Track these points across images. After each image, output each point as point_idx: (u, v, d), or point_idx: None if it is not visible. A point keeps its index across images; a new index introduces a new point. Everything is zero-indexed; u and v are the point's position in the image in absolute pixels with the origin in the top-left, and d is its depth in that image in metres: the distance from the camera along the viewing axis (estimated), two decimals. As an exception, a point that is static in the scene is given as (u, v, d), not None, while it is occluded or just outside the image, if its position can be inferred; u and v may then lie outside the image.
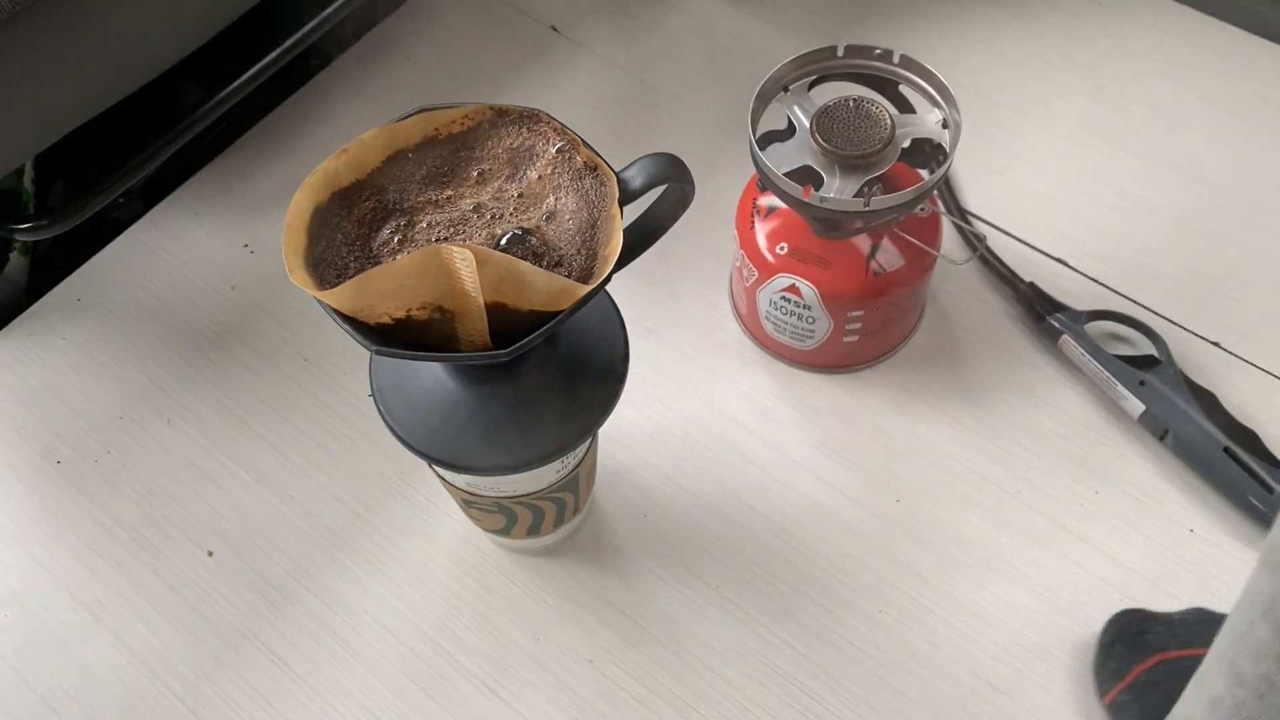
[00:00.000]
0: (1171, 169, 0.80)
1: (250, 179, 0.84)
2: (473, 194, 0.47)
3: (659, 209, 0.48)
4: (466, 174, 0.47)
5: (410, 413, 0.52)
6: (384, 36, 0.91)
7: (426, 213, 0.46)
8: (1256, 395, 0.69)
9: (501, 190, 0.47)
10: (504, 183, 0.47)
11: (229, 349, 0.76)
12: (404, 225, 0.46)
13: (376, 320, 0.42)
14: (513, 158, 0.47)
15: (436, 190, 0.47)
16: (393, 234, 0.46)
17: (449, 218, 0.46)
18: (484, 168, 0.47)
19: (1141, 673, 0.58)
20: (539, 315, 0.43)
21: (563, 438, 0.51)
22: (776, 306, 0.68)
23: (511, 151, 0.47)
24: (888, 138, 0.61)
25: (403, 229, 0.46)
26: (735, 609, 0.64)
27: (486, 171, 0.47)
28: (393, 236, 0.46)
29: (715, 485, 0.68)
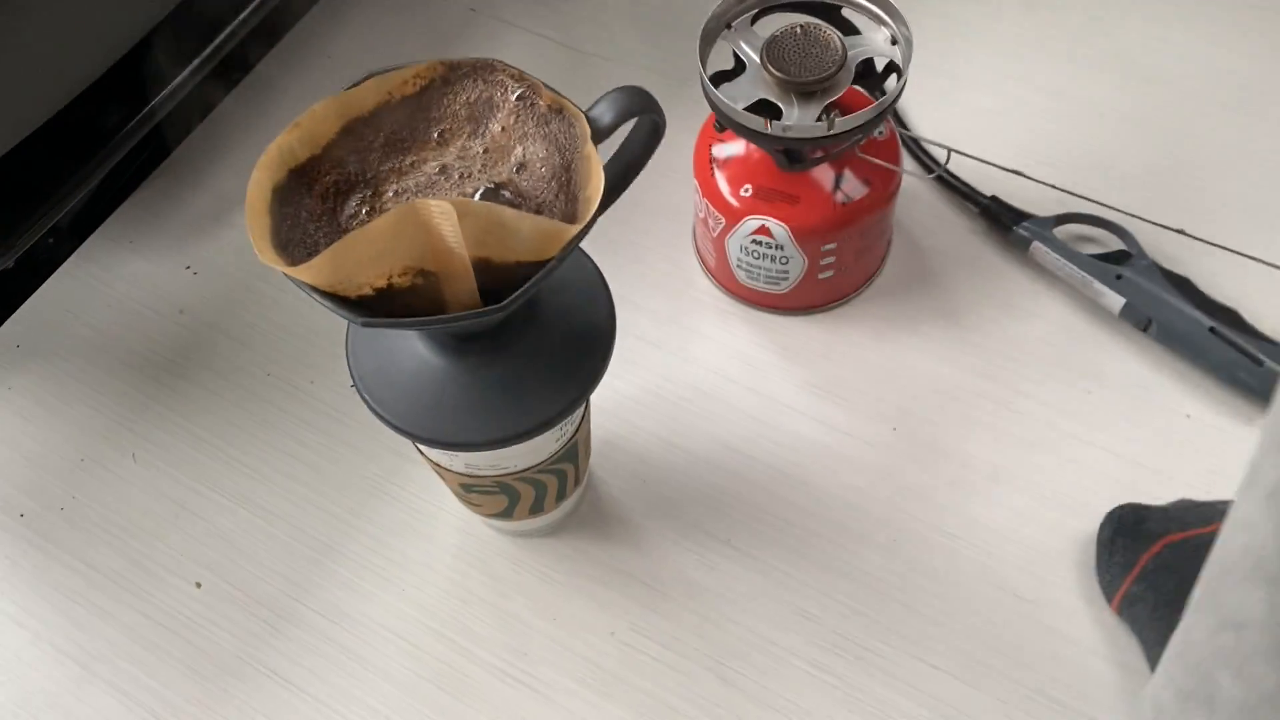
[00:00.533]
0: (1113, 70, 0.81)
1: (183, 200, 0.81)
2: (436, 156, 0.45)
3: (632, 145, 0.47)
4: (426, 136, 0.45)
5: (398, 396, 0.49)
6: (301, 38, 0.88)
7: (391, 181, 0.44)
8: (1228, 275, 0.70)
9: (465, 148, 0.45)
10: (466, 140, 0.45)
11: (187, 374, 0.72)
12: (370, 196, 0.44)
13: (358, 293, 0.40)
14: (472, 113, 0.45)
15: (398, 157, 0.45)
16: (360, 206, 0.43)
17: (415, 183, 0.44)
18: (443, 128, 0.45)
19: (1149, 560, 0.58)
20: (526, 266, 0.41)
21: (560, 401, 0.49)
22: (748, 252, 0.67)
23: (470, 106, 0.45)
24: (840, 60, 0.60)
25: (369, 199, 0.44)
26: (749, 559, 0.63)
27: (447, 131, 0.45)
28: (360, 209, 0.43)
29: (710, 441, 0.67)
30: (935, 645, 0.60)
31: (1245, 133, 0.77)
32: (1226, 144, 0.76)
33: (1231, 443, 0.64)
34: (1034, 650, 0.59)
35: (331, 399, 0.70)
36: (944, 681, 0.59)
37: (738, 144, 0.66)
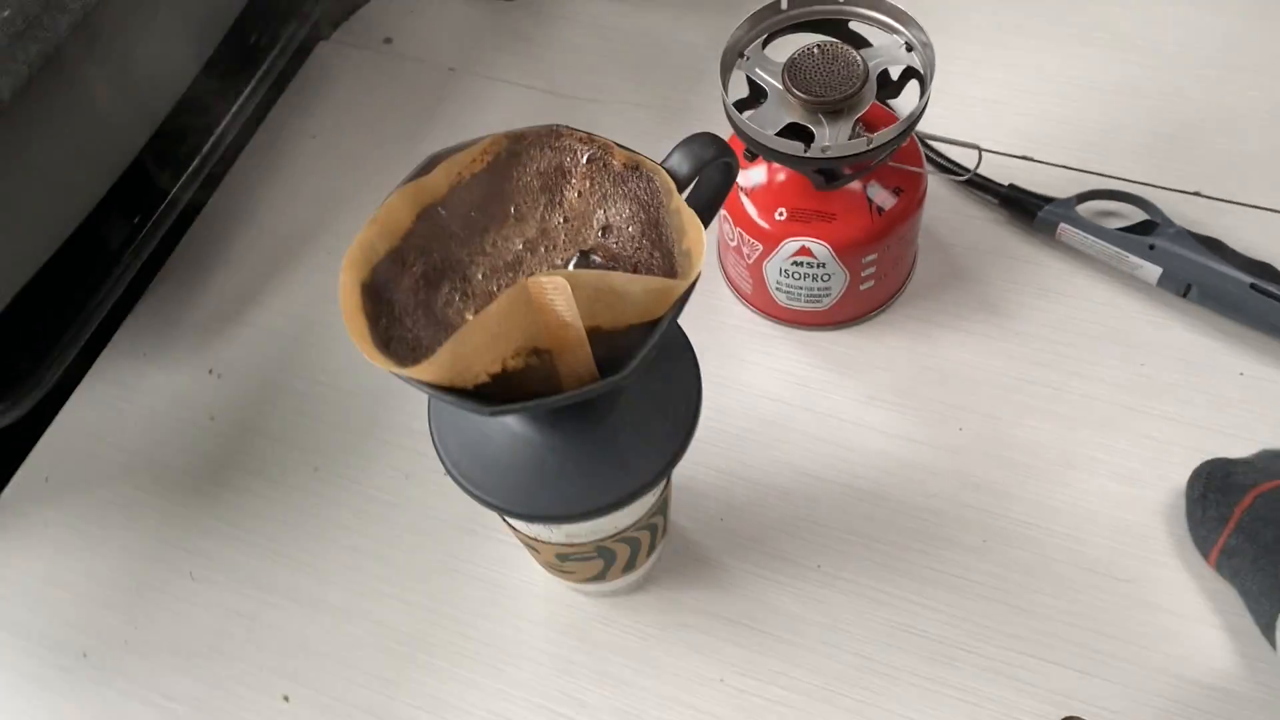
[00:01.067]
0: (1099, 44, 0.82)
1: (192, 302, 0.78)
2: (517, 232, 0.44)
3: (706, 189, 0.46)
4: (503, 213, 0.44)
5: (496, 476, 0.48)
6: (282, 121, 0.87)
7: (478, 263, 0.43)
8: (1250, 230, 0.71)
9: (545, 219, 0.44)
10: (545, 210, 0.44)
11: (230, 481, 0.70)
12: (460, 280, 0.43)
13: (475, 383, 0.39)
14: (545, 183, 0.44)
15: (479, 238, 0.44)
16: (452, 292, 0.42)
17: (503, 262, 0.43)
18: (518, 201, 0.44)
19: (1243, 512, 0.58)
20: (635, 329, 0.40)
21: (661, 456, 0.48)
22: (788, 274, 0.66)
23: (541, 176, 0.44)
24: (864, 74, 0.60)
25: (460, 284, 0.42)
26: (843, 582, 0.62)
27: (522, 205, 0.44)
28: (453, 295, 0.42)
29: (779, 468, 0.66)
30: (1045, 640, 0.59)
31: (1240, 89, 0.78)
32: (1223, 102, 0.78)
33: (1290, 393, 0.65)
34: (1143, 629, 0.59)
35: (386, 484, 0.69)
36: (1063, 676, 0.58)
37: (760, 169, 0.66)
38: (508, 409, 0.38)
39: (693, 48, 0.87)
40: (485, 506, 0.48)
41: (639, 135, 0.82)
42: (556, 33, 0.90)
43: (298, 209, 0.82)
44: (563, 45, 0.89)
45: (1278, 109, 0.77)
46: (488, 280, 0.43)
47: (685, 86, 0.84)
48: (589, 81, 0.86)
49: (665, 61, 0.86)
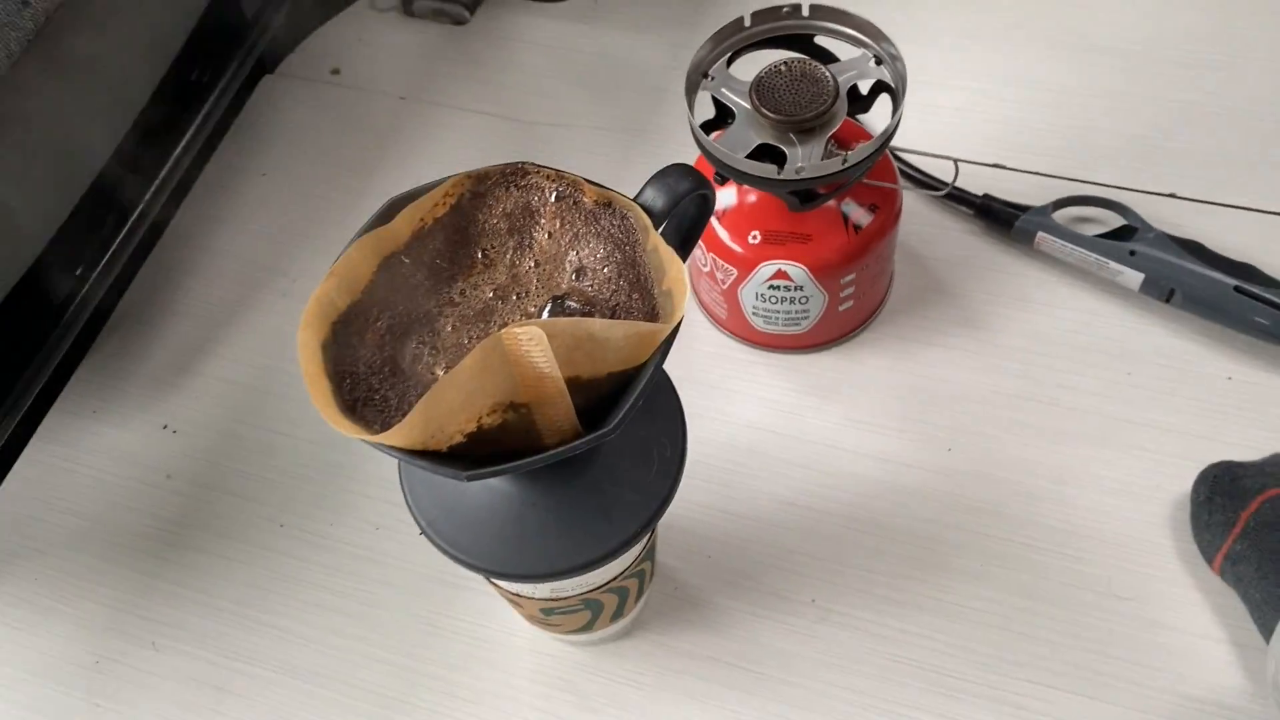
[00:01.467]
0: (1061, 47, 0.81)
1: (141, 355, 0.75)
2: (487, 280, 0.41)
3: (682, 224, 0.44)
4: (471, 259, 0.41)
5: (474, 535, 0.45)
6: (229, 159, 0.83)
7: (446, 315, 0.40)
8: (1228, 231, 0.70)
9: (515, 264, 0.41)
10: (514, 255, 0.41)
11: (191, 542, 0.67)
12: (428, 334, 0.40)
13: (449, 444, 0.36)
14: (513, 225, 0.42)
15: (446, 287, 0.41)
16: (420, 346, 0.39)
17: (473, 311, 0.40)
18: (485, 246, 0.42)
19: (1249, 517, 0.57)
20: (615, 377, 0.38)
21: (648, 505, 0.46)
22: (764, 299, 0.64)
23: (508, 218, 0.42)
24: (834, 90, 0.58)
25: (428, 339, 0.40)
26: (839, 617, 0.60)
27: (490, 249, 0.42)
28: (421, 349, 0.39)
29: (767, 500, 0.64)
30: (1050, 665, 0.57)
31: (1205, 86, 0.77)
32: (1190, 101, 0.77)
33: (1279, 395, 0.64)
34: (1148, 648, 0.57)
35: (357, 539, 0.65)
36: (1068, 702, 0.56)
37: (731, 191, 0.64)
38: (485, 472, 0.36)
39: (653, 68, 0.84)
40: (464, 567, 0.45)
41: (603, 159, 0.80)
42: (511, 56, 0.87)
43: (250, 250, 0.78)
44: (518, 69, 0.86)
45: (1248, 106, 0.76)
46: (458, 332, 0.40)
47: (648, 108, 0.82)
48: (547, 105, 0.84)
49: (626, 83, 0.84)
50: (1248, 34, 0.79)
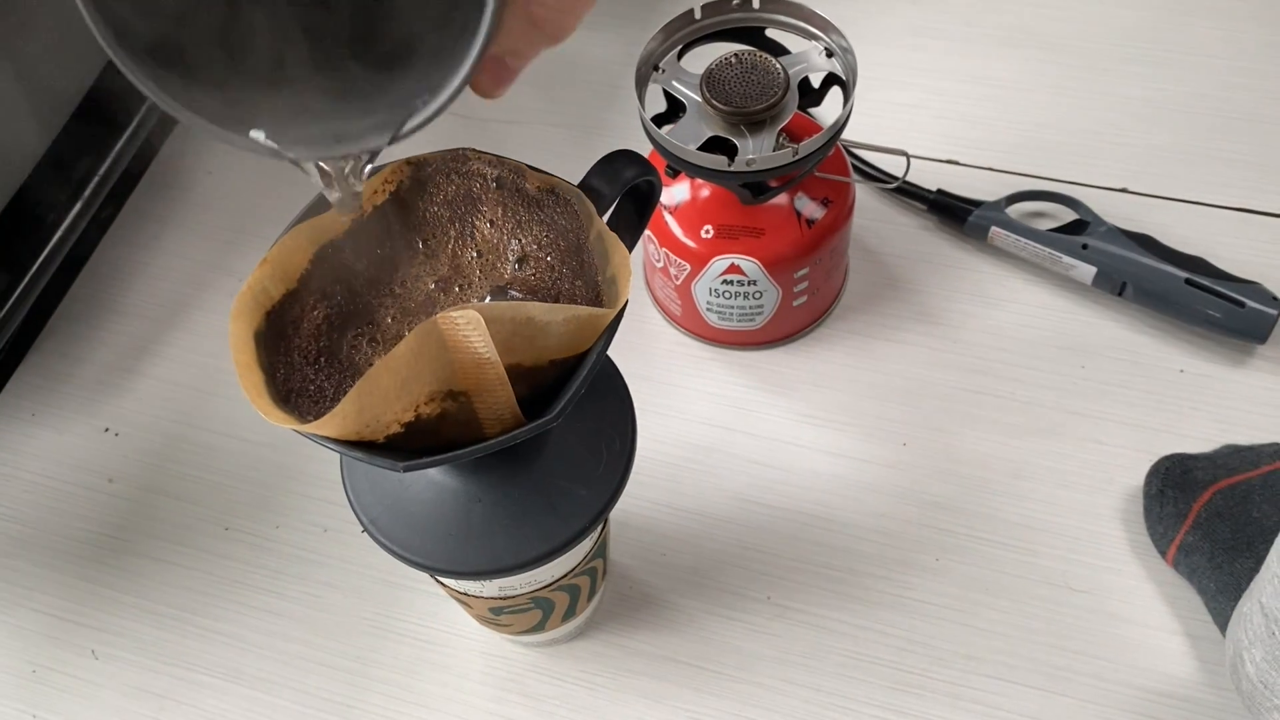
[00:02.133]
0: (1011, 45, 0.81)
1: (81, 357, 0.73)
2: (428, 270, 0.40)
3: (629, 210, 0.43)
4: (412, 249, 0.40)
5: (419, 533, 0.44)
6: (175, 158, 0.82)
7: (387, 306, 0.39)
8: (1180, 224, 0.70)
9: (457, 255, 0.40)
10: (456, 245, 0.40)
11: (134, 547, 0.65)
12: (367, 325, 0.39)
13: (386, 434, 0.35)
14: (454, 213, 0.41)
15: (386, 277, 0.40)
16: (359, 337, 0.38)
17: (415, 303, 0.39)
18: (426, 236, 0.41)
19: (1200, 509, 0.57)
20: (560, 365, 0.37)
21: (598, 498, 0.45)
22: (718, 294, 0.64)
23: (449, 206, 0.41)
24: (785, 82, 0.58)
25: (368, 329, 0.39)
26: (794, 614, 0.59)
27: (431, 239, 0.41)
28: (360, 340, 0.38)
29: (722, 497, 0.63)
30: (1006, 659, 0.57)
31: (1153, 82, 0.78)
32: (1138, 96, 0.77)
33: (1230, 388, 0.64)
34: (1103, 641, 0.57)
35: (304, 541, 0.64)
36: (1026, 696, 0.56)
37: (684, 186, 0.63)
38: (423, 463, 0.34)
39: (607, 63, 0.84)
40: (408, 565, 0.44)
41: (557, 155, 0.78)
42: (463, 54, 0.86)
43: (195, 250, 0.77)
44: (470, 66, 0.85)
45: (1196, 102, 0.76)
46: (398, 324, 0.39)
47: (601, 104, 0.82)
48: (500, 102, 0.82)
49: (579, 79, 0.83)
50: (1198, 32, 0.80)
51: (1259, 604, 0.46)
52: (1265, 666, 0.46)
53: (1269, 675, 0.46)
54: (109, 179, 0.69)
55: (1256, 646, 0.46)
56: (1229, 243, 0.69)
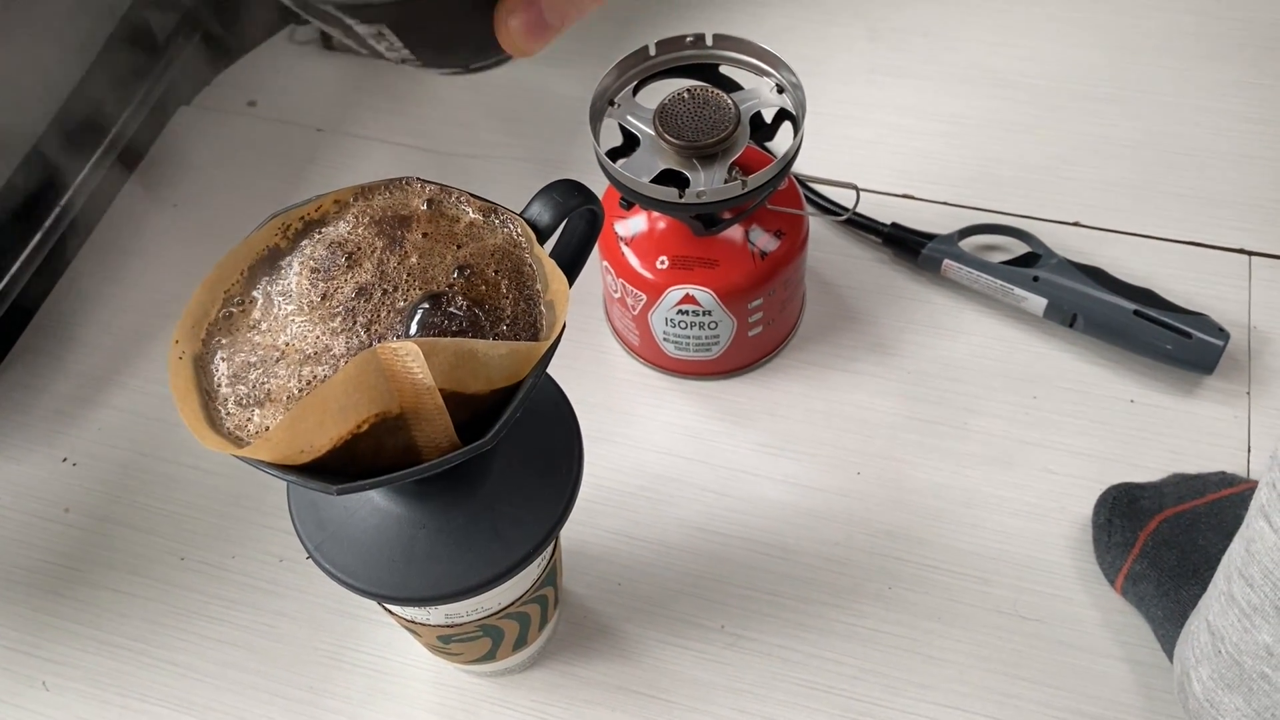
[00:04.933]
0: (966, 81, 0.83)
1: (42, 388, 0.73)
2: (350, 279, 0.40)
3: (571, 239, 0.44)
4: (333, 262, 0.40)
5: (363, 559, 0.44)
6: (141, 190, 0.82)
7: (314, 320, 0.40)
8: (1132, 259, 0.72)
9: (383, 262, 0.40)
10: (383, 254, 0.40)
11: (88, 578, 0.64)
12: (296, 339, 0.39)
13: (321, 458, 0.35)
14: (382, 228, 0.41)
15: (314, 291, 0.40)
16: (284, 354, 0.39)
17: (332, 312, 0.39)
18: (349, 251, 0.41)
19: (1147, 537, 0.57)
20: (500, 392, 0.37)
21: (542, 525, 0.45)
22: (674, 324, 0.64)
23: (376, 223, 0.41)
24: (735, 117, 0.59)
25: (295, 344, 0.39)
26: (748, 642, 0.60)
27: (355, 252, 0.41)
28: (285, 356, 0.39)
29: (677, 526, 0.64)
30: (958, 688, 0.57)
31: (1105, 118, 0.79)
32: (1091, 132, 0.79)
33: (1180, 418, 0.65)
34: (1054, 669, 0.58)
35: (259, 571, 0.64)
36: (976, 723, 0.56)
37: (640, 218, 0.64)
38: (356, 486, 0.35)
39: (569, 99, 0.85)
40: (351, 591, 0.44)
41: (518, 188, 0.78)
42: (429, 89, 0.87)
43: (158, 281, 0.77)
44: (436, 101, 0.86)
45: (1147, 138, 0.78)
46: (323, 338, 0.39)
47: (563, 138, 0.83)
48: (465, 136, 0.84)
49: (542, 113, 0.84)
50: (1147, 70, 0.82)
51: (1206, 622, 0.47)
52: (1212, 685, 0.46)
53: (1215, 694, 0.46)
54: (70, 211, 0.69)
55: (1204, 665, 0.47)
56: (1178, 275, 0.70)
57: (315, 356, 0.38)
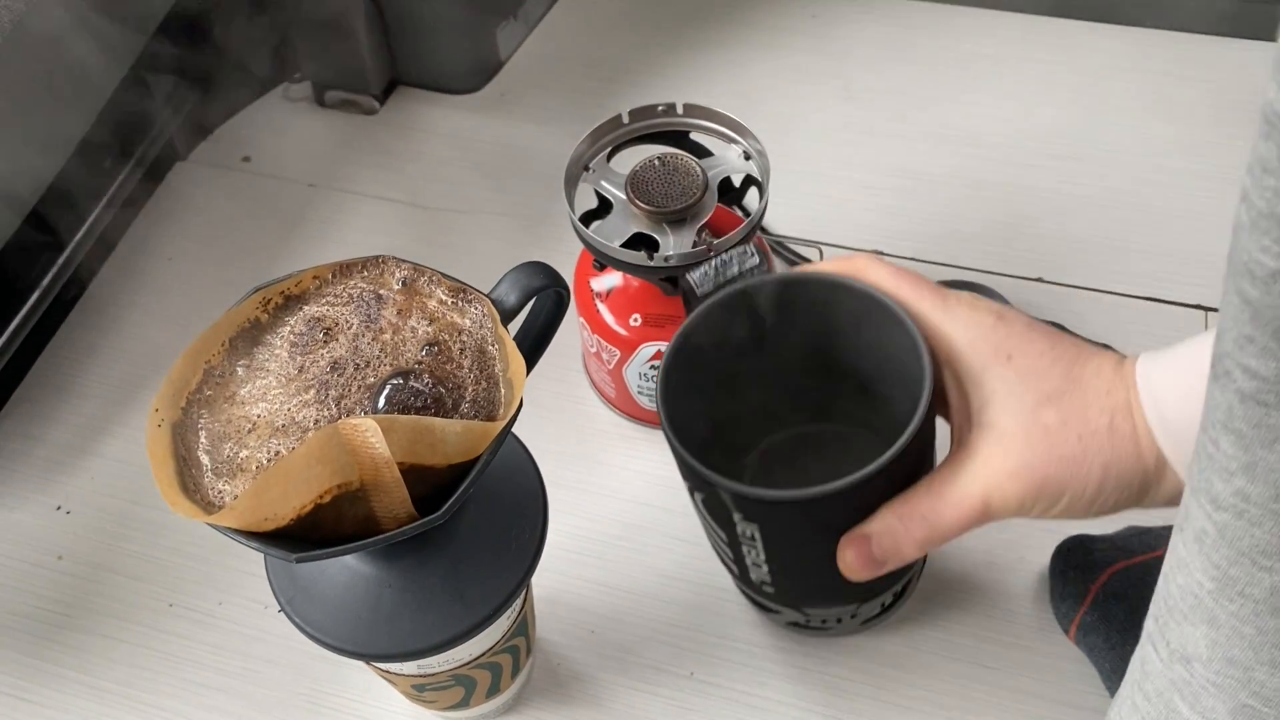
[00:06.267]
0: (938, 140, 0.85)
1: (39, 437, 0.75)
2: (326, 353, 0.43)
3: (537, 319, 0.46)
4: (311, 337, 0.43)
5: (332, 615, 0.46)
6: (137, 244, 0.85)
7: (290, 391, 0.42)
8: (1092, 314, 0.74)
9: (358, 338, 0.43)
10: (359, 329, 0.43)
11: (79, 624, 0.67)
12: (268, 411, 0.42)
13: (284, 526, 0.38)
14: (358, 306, 0.44)
15: (291, 362, 0.43)
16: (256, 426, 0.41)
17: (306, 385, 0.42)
18: (327, 326, 0.43)
19: (1099, 590, 0.59)
20: (457, 467, 0.40)
21: (507, 582, 0.47)
22: (647, 378, 0.67)
23: (354, 300, 0.44)
24: (703, 184, 0.61)
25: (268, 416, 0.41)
26: (716, 689, 0.61)
27: (332, 327, 0.43)
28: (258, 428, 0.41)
29: (650, 575, 0.66)
30: (918, 735, 0.59)
31: (1069, 176, 0.82)
32: (1055, 190, 0.81)
33: (1136, 470, 0.67)
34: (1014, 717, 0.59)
35: (245, 618, 0.66)
36: (935, 770, 0.58)
37: (615, 276, 0.67)
38: (314, 555, 0.37)
39: (556, 157, 0.86)
40: (322, 646, 0.46)
41: (504, 244, 0.82)
42: (419, 146, 0.90)
43: (153, 334, 0.80)
44: (425, 158, 0.89)
45: (1109, 197, 0.81)
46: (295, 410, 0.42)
47: (548, 196, 0.85)
48: (452, 193, 0.87)
49: (529, 171, 0.87)
50: (1111, 129, 0.85)
51: None
52: None
53: None
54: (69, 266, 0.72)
55: None
56: (1138, 330, 0.73)
57: (284, 429, 0.40)
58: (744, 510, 0.49)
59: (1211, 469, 0.30)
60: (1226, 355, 0.27)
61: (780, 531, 0.50)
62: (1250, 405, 0.26)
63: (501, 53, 0.94)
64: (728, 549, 0.54)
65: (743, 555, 0.53)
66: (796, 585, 0.55)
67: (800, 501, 0.48)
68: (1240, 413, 0.27)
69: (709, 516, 0.53)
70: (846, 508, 0.49)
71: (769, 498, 0.48)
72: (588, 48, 0.97)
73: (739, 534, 0.51)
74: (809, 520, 0.50)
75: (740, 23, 0.96)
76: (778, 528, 0.50)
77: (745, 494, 0.48)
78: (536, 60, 0.96)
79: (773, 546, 0.51)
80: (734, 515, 0.50)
